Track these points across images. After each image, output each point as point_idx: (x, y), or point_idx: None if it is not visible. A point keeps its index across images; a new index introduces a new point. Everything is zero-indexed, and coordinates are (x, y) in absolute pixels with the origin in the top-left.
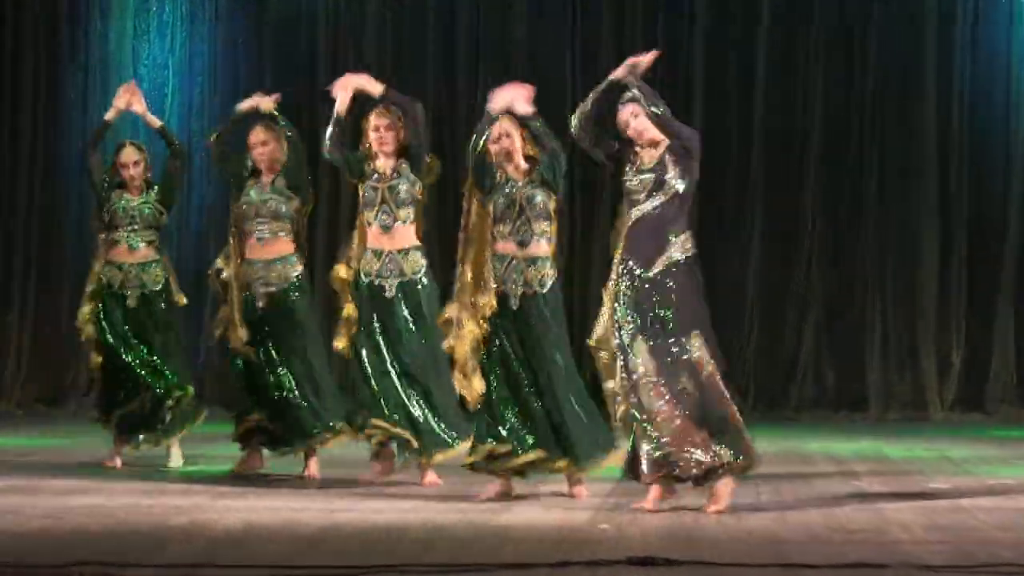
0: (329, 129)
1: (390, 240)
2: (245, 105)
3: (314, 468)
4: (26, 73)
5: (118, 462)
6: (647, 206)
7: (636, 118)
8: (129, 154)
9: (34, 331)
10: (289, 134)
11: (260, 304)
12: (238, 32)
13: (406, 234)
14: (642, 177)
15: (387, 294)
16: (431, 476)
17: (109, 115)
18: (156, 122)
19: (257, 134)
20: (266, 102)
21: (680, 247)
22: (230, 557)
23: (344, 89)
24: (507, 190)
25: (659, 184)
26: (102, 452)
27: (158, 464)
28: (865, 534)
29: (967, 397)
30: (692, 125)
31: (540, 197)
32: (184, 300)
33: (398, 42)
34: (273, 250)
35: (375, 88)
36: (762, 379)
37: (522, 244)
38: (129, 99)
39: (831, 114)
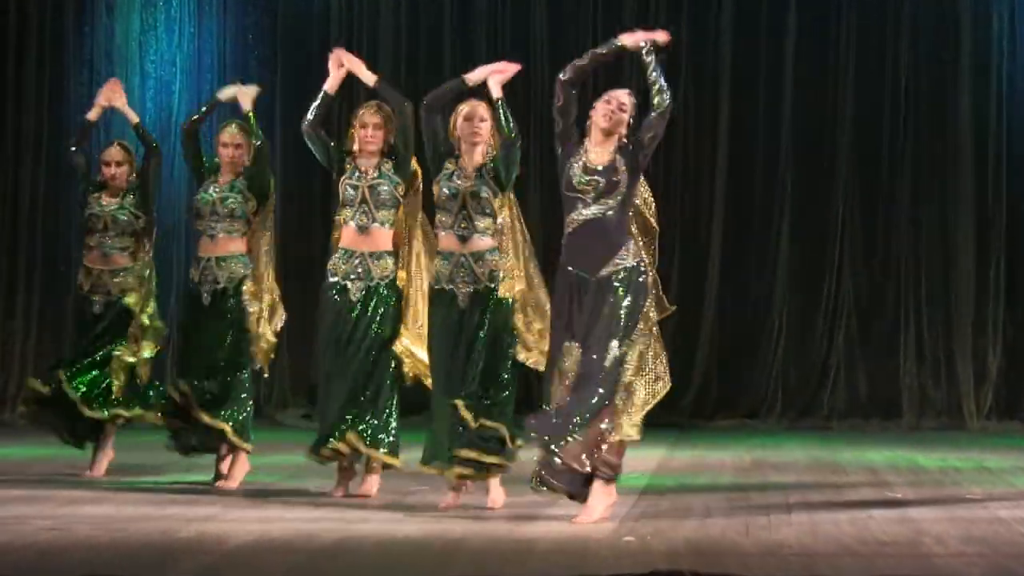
0: (315, 105)
1: (364, 242)
2: (226, 94)
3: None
4: (31, 70)
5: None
6: (594, 209)
7: (623, 112)
8: (114, 153)
9: (38, 337)
10: (259, 143)
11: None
12: (248, 27)
13: (382, 237)
14: (590, 178)
15: (352, 297)
16: (368, 484)
17: (92, 114)
18: (134, 118)
19: (231, 135)
20: (247, 99)
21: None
22: (243, 570)
23: (338, 66)
24: (455, 180)
25: (611, 187)
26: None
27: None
28: (898, 546)
29: (1004, 405)
30: (719, 123)
31: (485, 192)
32: (154, 323)
33: (414, 35)
34: (225, 248)
35: (368, 78)
36: (792, 386)
37: (463, 240)
38: (110, 95)
39: (862, 112)
